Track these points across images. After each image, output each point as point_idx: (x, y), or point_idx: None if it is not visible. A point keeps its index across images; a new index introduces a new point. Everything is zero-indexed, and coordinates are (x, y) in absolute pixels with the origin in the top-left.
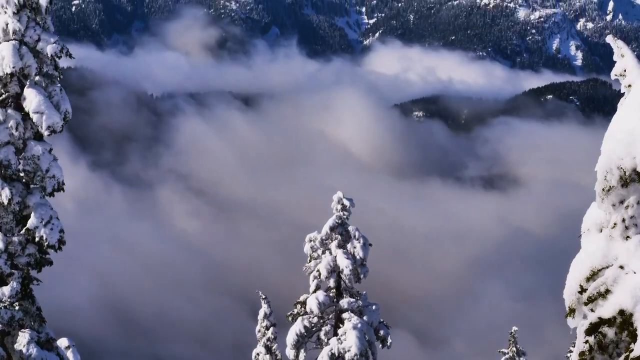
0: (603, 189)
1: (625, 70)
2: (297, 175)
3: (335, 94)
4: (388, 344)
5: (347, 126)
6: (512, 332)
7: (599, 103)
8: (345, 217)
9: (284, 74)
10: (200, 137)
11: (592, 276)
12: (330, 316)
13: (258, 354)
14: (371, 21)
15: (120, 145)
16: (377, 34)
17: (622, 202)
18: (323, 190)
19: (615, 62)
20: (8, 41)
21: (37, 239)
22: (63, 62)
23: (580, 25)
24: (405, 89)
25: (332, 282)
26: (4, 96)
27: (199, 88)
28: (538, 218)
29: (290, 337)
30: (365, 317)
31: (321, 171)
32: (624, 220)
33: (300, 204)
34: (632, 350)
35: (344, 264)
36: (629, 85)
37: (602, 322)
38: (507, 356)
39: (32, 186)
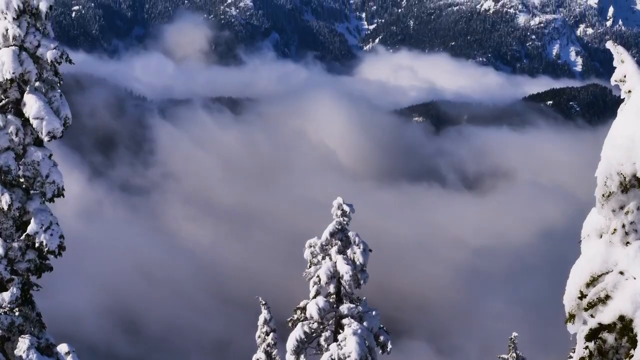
0: (603, 195)
1: (625, 76)
2: (282, 181)
3: (325, 101)
4: (388, 349)
5: (335, 132)
6: (512, 338)
7: (599, 109)
8: (345, 222)
9: (276, 79)
10: (189, 142)
11: (592, 282)
12: (330, 322)
13: None
14: (371, 27)
15: (108, 150)
16: (377, 40)
17: (622, 207)
18: (309, 196)
19: (615, 67)
20: (8, 47)
21: (37, 245)
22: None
23: (580, 30)
24: (401, 95)
25: (332, 288)
26: (3, 102)
27: (192, 93)
28: (527, 224)
29: (290, 342)
30: (365, 323)
31: (307, 177)
32: (624, 226)
33: (289, 210)
34: (632, 356)
35: (344, 269)
36: (629, 91)
37: (602, 327)
38: None
39: (32, 192)
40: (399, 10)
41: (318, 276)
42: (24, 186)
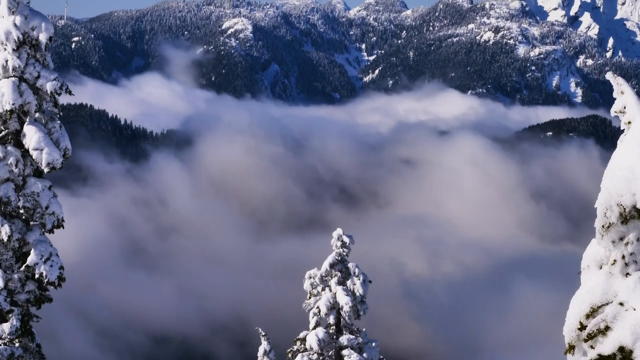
0: (603, 226)
1: (625, 107)
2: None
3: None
4: None
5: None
6: None
7: (599, 139)
8: (345, 254)
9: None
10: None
11: (592, 313)
12: (330, 353)
13: None
14: (371, 58)
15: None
16: (376, 71)
17: (621, 239)
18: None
19: (615, 98)
20: (8, 78)
21: (37, 276)
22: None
23: (580, 62)
24: (396, 129)
25: (331, 319)
26: (3, 133)
27: (187, 124)
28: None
29: None
30: (365, 354)
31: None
32: (623, 257)
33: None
34: None
35: (344, 300)
36: (629, 122)
37: (602, 358)
38: None
39: (31, 223)
40: (399, 41)
41: (318, 307)
42: (23, 217)
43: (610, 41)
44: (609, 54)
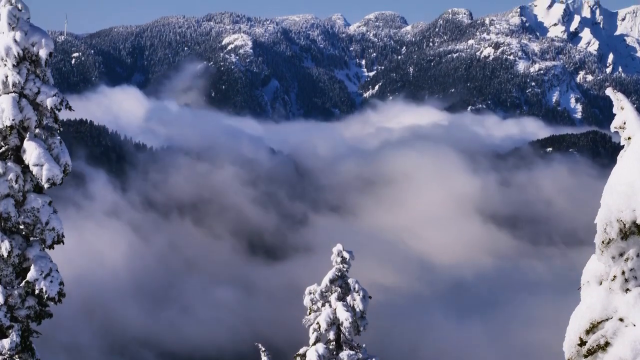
0: (603, 242)
1: (624, 123)
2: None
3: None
4: None
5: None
6: None
7: (599, 155)
8: (345, 269)
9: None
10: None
11: (592, 329)
12: None
13: None
14: (371, 74)
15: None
16: (376, 87)
17: (621, 254)
18: None
19: (614, 114)
20: (8, 94)
21: (37, 292)
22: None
23: (580, 77)
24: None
25: (331, 335)
26: (3, 149)
27: (183, 140)
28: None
29: None
30: None
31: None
32: (623, 272)
33: None
34: None
35: (344, 316)
36: (629, 138)
37: None
38: None
39: (31, 239)
40: (399, 57)
41: (318, 323)
42: (23, 233)
43: (610, 57)
44: (608, 70)
